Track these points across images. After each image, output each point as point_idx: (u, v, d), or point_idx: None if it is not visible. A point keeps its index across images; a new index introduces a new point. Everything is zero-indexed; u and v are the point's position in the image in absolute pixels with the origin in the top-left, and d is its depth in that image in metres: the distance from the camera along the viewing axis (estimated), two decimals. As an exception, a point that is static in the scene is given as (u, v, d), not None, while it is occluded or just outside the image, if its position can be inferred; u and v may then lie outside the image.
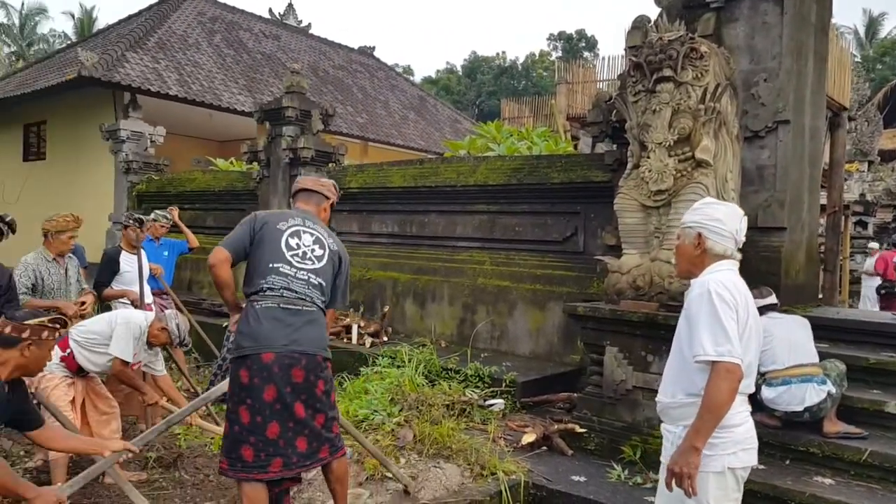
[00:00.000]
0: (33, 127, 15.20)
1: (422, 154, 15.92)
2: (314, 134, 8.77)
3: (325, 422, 3.19)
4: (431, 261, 7.47)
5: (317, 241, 3.34)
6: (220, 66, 14.91)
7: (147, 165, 11.63)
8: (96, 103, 12.65)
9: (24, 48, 34.00)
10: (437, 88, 41.56)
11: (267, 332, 3.08)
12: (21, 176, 15.14)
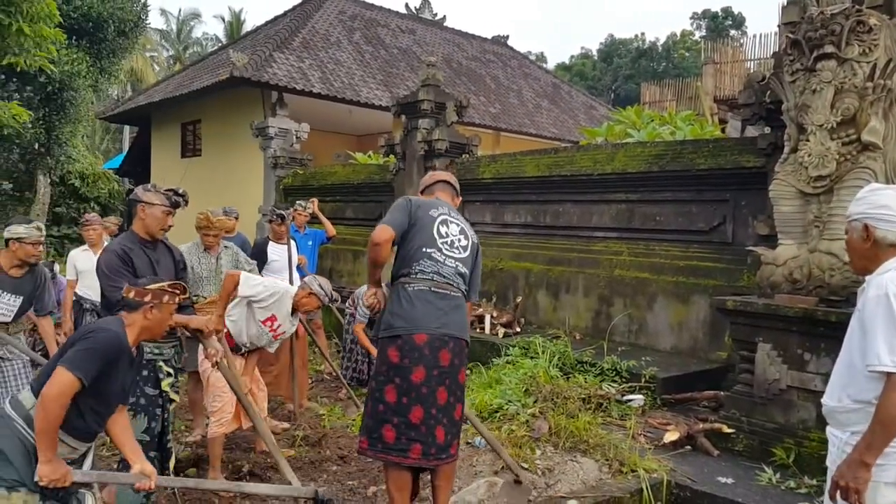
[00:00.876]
0: (189, 125, 16.54)
1: (555, 143, 15.69)
2: (448, 126, 8.87)
3: (461, 415, 3.24)
4: (566, 251, 7.33)
5: (461, 231, 3.40)
6: (360, 62, 15.46)
7: (293, 160, 12.30)
8: (246, 102, 13.55)
9: (180, 52, 37.03)
10: (570, 75, 40.78)
11: (420, 314, 3.14)
12: (179, 171, 16.54)
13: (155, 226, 3.53)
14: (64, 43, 11.39)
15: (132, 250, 3.45)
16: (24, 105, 10.01)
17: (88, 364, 2.48)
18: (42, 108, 13.17)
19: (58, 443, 2.48)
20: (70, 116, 14.03)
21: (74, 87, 13.52)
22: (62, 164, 15.02)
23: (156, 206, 3.51)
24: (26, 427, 2.50)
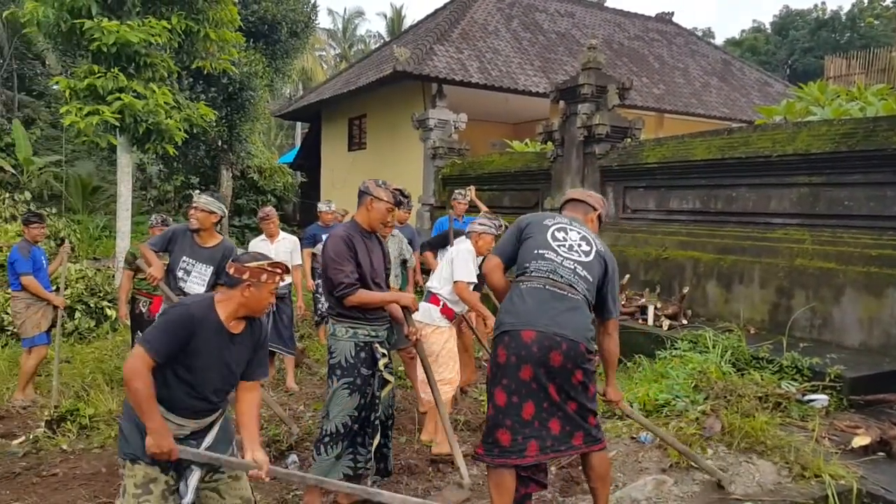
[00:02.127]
0: (356, 120, 17.33)
1: (724, 123, 14.66)
2: (609, 109, 8.57)
3: (577, 408, 3.06)
4: (739, 239, 6.82)
5: (583, 238, 3.29)
6: (517, 49, 15.37)
7: (451, 150, 12.50)
8: (408, 95, 13.95)
9: (346, 49, 38.92)
10: (741, 50, 37.96)
11: (530, 310, 3.04)
12: (346, 164, 17.42)
13: (377, 219, 3.79)
14: (243, 46, 12.34)
15: (354, 238, 3.68)
16: (210, 105, 10.97)
17: (159, 339, 2.57)
18: (224, 107, 14.38)
19: (159, 417, 2.57)
20: (249, 115, 15.23)
21: (252, 87, 14.66)
22: (242, 160, 16.36)
23: (383, 201, 3.74)
24: None
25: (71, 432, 5.00)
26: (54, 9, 8.49)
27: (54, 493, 4.06)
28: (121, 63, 8.85)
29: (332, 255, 3.59)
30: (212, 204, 4.74)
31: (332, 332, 3.73)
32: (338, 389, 3.65)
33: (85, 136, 8.97)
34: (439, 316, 4.66)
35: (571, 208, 3.54)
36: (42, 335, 5.91)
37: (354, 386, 3.66)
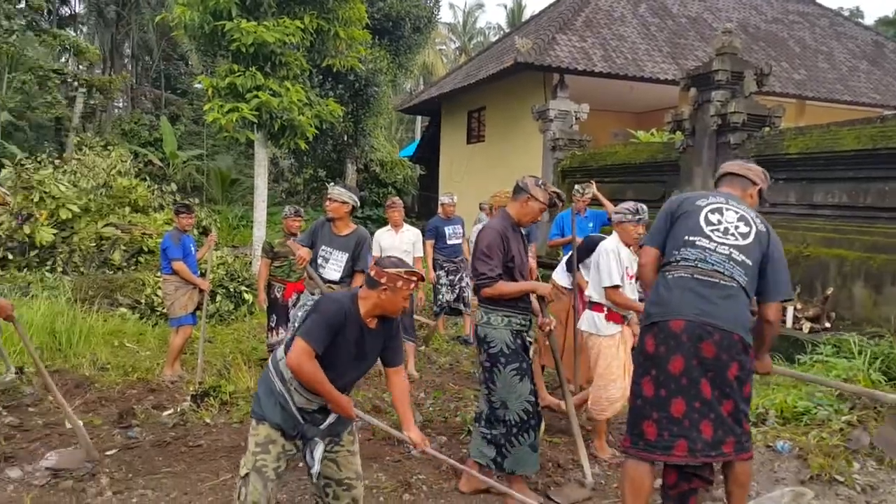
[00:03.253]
0: (475, 113, 17.41)
1: (874, 111, 13.46)
2: (746, 97, 8.10)
3: (732, 410, 2.86)
4: (892, 237, 6.25)
5: (741, 218, 3.05)
6: (644, 36, 14.85)
7: (571, 142, 12.28)
8: (528, 86, 13.84)
9: (466, 42, 39.18)
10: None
11: (677, 300, 2.91)
12: (465, 157, 17.54)
13: (529, 217, 3.85)
14: (369, 43, 12.71)
15: (507, 231, 3.78)
16: (337, 101, 11.39)
17: (319, 333, 2.79)
18: (351, 103, 14.90)
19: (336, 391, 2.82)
20: (373, 110, 15.70)
21: (377, 82, 15.09)
22: (366, 153, 16.89)
23: (538, 202, 3.79)
24: (275, 375, 2.93)
25: (213, 407, 5.36)
26: (199, 12, 9.12)
27: (199, 463, 4.38)
28: (258, 62, 9.38)
29: (483, 246, 3.67)
30: (344, 195, 4.99)
31: (485, 321, 3.77)
32: (507, 377, 3.70)
33: (226, 131, 9.59)
34: (605, 323, 4.44)
35: (728, 184, 3.29)
36: (188, 316, 6.37)
37: (522, 371, 3.72)
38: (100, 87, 19.95)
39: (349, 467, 3.05)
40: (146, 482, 4.06)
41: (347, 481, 3.04)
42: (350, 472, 3.05)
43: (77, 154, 13.63)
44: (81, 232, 9.74)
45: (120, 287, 8.79)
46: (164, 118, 20.99)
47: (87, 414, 5.22)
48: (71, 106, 20.54)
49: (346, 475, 3.04)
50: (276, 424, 2.90)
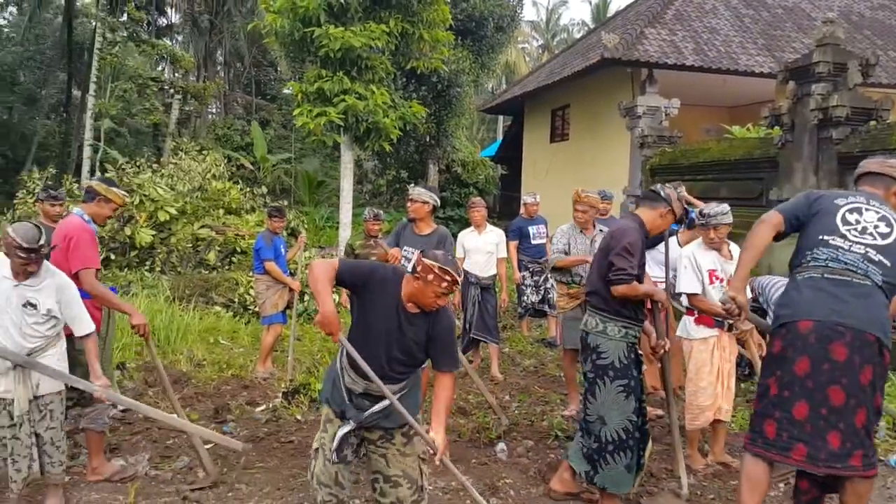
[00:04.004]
0: (559, 111, 17.16)
1: None
2: (850, 89, 7.59)
3: (864, 421, 2.69)
4: None
5: (882, 218, 2.90)
6: (738, 28, 14.24)
7: (661, 139, 11.88)
8: (615, 83, 13.51)
9: (549, 40, 38.75)
10: None
11: (806, 301, 2.80)
12: (548, 156, 17.33)
13: (660, 229, 3.76)
14: (452, 44, 12.74)
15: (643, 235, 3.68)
16: (420, 103, 11.47)
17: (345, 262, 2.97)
18: (433, 104, 14.97)
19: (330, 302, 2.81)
20: (455, 111, 15.73)
21: (459, 83, 15.11)
22: (448, 154, 16.95)
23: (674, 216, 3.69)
24: (338, 356, 3.10)
25: (303, 404, 5.49)
26: (289, 19, 9.39)
27: (291, 458, 4.48)
28: (345, 67, 9.57)
29: (627, 244, 3.50)
30: (424, 194, 5.03)
31: (599, 330, 3.59)
32: (612, 392, 3.52)
33: (314, 135, 9.83)
34: (694, 327, 4.29)
35: (869, 183, 3.13)
36: (279, 314, 6.55)
37: (629, 388, 3.54)
38: (194, 93, 20.90)
39: (398, 465, 3.02)
40: (240, 476, 4.18)
41: (395, 478, 3.01)
42: (398, 470, 3.01)
43: (174, 158, 14.31)
44: (178, 233, 10.22)
45: (215, 286, 9.16)
46: (254, 123, 21.79)
47: (185, 408, 5.44)
48: (168, 112, 21.65)
49: (394, 473, 3.01)
50: (328, 400, 3.05)
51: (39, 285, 3.46)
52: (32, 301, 3.44)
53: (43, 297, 3.46)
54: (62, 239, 3.80)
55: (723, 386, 4.26)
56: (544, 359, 7.24)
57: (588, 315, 3.71)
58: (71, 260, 3.78)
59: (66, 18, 25.30)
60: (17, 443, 3.47)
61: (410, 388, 3.09)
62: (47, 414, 3.55)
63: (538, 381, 6.47)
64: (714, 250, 4.30)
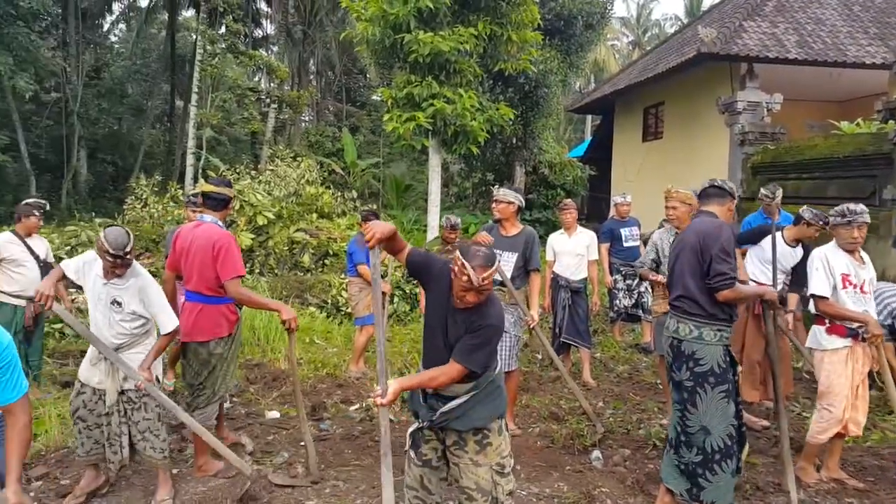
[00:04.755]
0: (652, 109, 16.66)
1: None
2: (978, 77, 7.00)
3: None
4: None
5: None
6: (846, 17, 13.41)
7: (762, 135, 11.35)
8: (712, 78, 13.00)
9: (640, 36, 37.77)
10: None
11: None
12: (640, 155, 16.86)
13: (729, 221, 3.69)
14: (541, 44, 12.61)
15: None
16: (508, 104, 11.41)
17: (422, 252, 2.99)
18: (520, 105, 14.86)
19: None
20: (542, 111, 15.54)
21: (547, 83, 14.92)
22: (535, 156, 16.78)
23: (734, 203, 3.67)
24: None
25: (395, 404, 5.55)
26: (380, 27, 9.55)
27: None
28: (433, 71, 9.64)
29: (724, 246, 3.39)
30: (509, 195, 5.00)
31: (695, 336, 3.45)
32: (715, 399, 3.39)
33: (403, 140, 9.95)
34: (826, 337, 4.06)
35: None
36: (370, 316, 6.66)
37: (728, 393, 3.42)
38: (289, 102, 21.65)
39: (470, 477, 2.91)
40: (337, 473, 4.27)
41: (468, 491, 2.92)
42: (470, 482, 2.91)
43: (270, 165, 14.86)
44: (276, 236, 10.58)
45: (309, 287, 9.43)
46: (345, 129, 22.36)
47: (283, 405, 5.63)
48: (264, 120, 22.53)
49: (466, 485, 2.92)
50: (409, 401, 3.06)
51: (124, 285, 3.66)
52: (118, 300, 3.65)
53: (128, 296, 3.66)
54: (210, 246, 3.94)
55: (856, 398, 4.01)
56: (638, 365, 7.03)
57: (678, 321, 3.55)
58: (221, 269, 3.93)
59: (170, 32, 26.84)
60: (109, 429, 3.74)
61: (486, 391, 2.94)
62: (141, 406, 3.76)
63: (633, 387, 6.28)
64: (847, 252, 4.04)
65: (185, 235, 4.12)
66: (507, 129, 13.52)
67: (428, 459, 3.01)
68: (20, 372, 2.52)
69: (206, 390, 4.10)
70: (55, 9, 22.96)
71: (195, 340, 4.03)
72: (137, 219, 10.99)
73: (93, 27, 27.12)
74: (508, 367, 4.83)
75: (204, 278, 3.97)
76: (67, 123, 23.71)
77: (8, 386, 2.45)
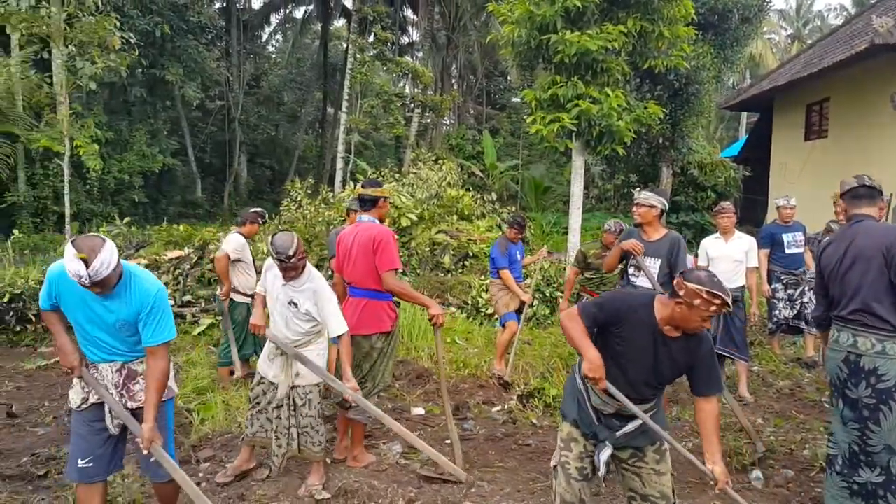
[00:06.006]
0: (815, 106, 15.38)
1: None
2: None
3: None
4: None
5: None
6: None
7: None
8: (885, 72, 11.80)
9: (799, 28, 35.09)
10: None
11: None
12: (801, 155, 15.62)
13: None
14: (693, 39, 12.02)
15: None
16: (656, 103, 10.96)
17: (591, 307, 2.86)
18: (669, 104, 14.25)
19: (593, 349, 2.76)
20: (693, 109, 14.84)
21: (698, 80, 14.23)
22: (684, 156, 16.05)
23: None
24: (577, 372, 3.05)
25: (538, 408, 5.51)
26: (526, 28, 9.51)
27: (529, 462, 4.51)
28: (579, 71, 9.46)
29: None
30: (651, 198, 4.84)
31: (878, 351, 3.20)
32: None
33: (546, 141, 9.85)
34: None
35: None
36: (511, 314, 6.67)
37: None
38: (432, 106, 22.17)
39: (653, 486, 2.93)
40: (482, 474, 4.29)
41: (652, 499, 2.93)
42: (654, 490, 2.93)
43: (413, 168, 15.28)
44: (418, 237, 10.87)
45: (450, 288, 9.59)
46: (485, 132, 22.57)
47: (427, 403, 5.75)
48: (408, 125, 23.22)
49: (650, 493, 2.93)
50: (575, 421, 3.00)
51: (301, 287, 3.89)
52: (294, 301, 3.90)
53: (303, 298, 3.89)
54: (370, 241, 4.18)
55: None
56: (800, 381, 6.51)
57: (853, 335, 3.27)
58: (379, 261, 4.16)
59: (323, 42, 28.38)
60: (279, 422, 3.99)
61: (658, 405, 3.03)
62: (307, 402, 3.99)
63: (794, 405, 5.82)
64: None
65: (346, 237, 4.38)
66: (655, 128, 13.03)
67: (587, 474, 3.01)
68: (169, 320, 2.99)
69: (367, 383, 4.30)
70: (220, 22, 25.02)
71: (359, 334, 4.24)
72: (292, 219, 11.67)
73: (253, 38, 29.28)
74: None
75: (368, 273, 4.20)
76: (230, 129, 25.74)
77: (156, 329, 2.93)
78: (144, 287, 2.94)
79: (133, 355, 3.08)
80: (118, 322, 2.94)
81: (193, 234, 11.32)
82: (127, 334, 3.00)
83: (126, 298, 2.92)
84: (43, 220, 16.73)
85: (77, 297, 2.92)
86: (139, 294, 2.92)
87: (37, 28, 10.67)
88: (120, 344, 3.03)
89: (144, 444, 2.95)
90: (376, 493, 3.94)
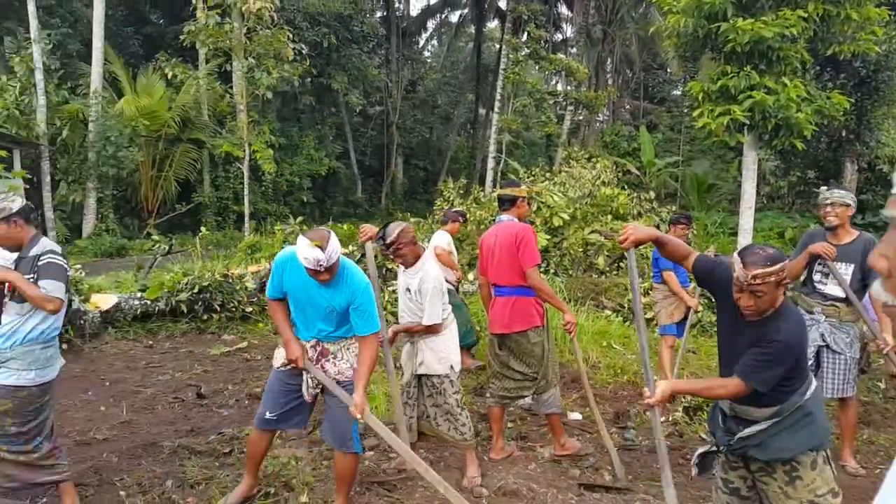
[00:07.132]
0: None
1: None
2: None
3: None
4: None
5: None
6: None
7: None
8: None
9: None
10: None
11: None
12: None
13: None
14: (885, 21, 10.81)
15: None
16: (840, 92, 9.98)
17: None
18: (854, 93, 12.94)
19: None
20: (884, 98, 13.38)
21: (891, 66, 12.80)
22: (872, 150, 14.51)
23: None
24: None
25: (704, 421, 5.15)
26: (693, 17, 9.00)
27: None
28: (752, 60, 8.82)
29: None
30: (847, 196, 4.37)
31: None
32: None
33: (714, 136, 9.28)
34: None
35: None
36: (672, 326, 6.27)
37: None
38: (586, 103, 21.70)
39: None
40: (646, 487, 4.09)
41: None
42: None
43: (565, 166, 15.02)
44: (570, 237, 10.66)
45: (604, 290, 9.30)
46: (643, 128, 21.72)
47: (584, 408, 5.58)
48: (560, 122, 22.90)
49: None
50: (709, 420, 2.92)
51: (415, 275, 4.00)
52: (409, 287, 4.05)
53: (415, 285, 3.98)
54: (513, 238, 4.23)
55: None
56: None
57: None
58: (522, 257, 4.20)
59: (476, 44, 28.74)
60: (407, 408, 4.17)
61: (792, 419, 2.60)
62: (438, 392, 4.09)
63: None
64: None
65: (488, 238, 4.43)
66: (838, 120, 11.88)
67: (736, 488, 2.79)
68: (374, 315, 3.38)
69: (542, 380, 4.33)
70: (381, 30, 26.09)
71: (514, 331, 4.25)
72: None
73: (410, 44, 30.25)
74: (843, 394, 4.29)
75: (513, 270, 4.22)
76: (387, 133, 26.77)
77: (364, 322, 3.32)
78: (356, 280, 3.34)
79: (334, 336, 3.47)
80: (329, 307, 3.34)
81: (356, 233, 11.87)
82: (335, 319, 3.40)
83: (340, 288, 3.31)
84: (224, 219, 18.33)
85: (300, 284, 3.33)
86: (352, 285, 3.31)
87: (221, 42, 11.67)
88: (326, 326, 3.43)
89: (357, 410, 3.23)
90: (536, 496, 3.88)
